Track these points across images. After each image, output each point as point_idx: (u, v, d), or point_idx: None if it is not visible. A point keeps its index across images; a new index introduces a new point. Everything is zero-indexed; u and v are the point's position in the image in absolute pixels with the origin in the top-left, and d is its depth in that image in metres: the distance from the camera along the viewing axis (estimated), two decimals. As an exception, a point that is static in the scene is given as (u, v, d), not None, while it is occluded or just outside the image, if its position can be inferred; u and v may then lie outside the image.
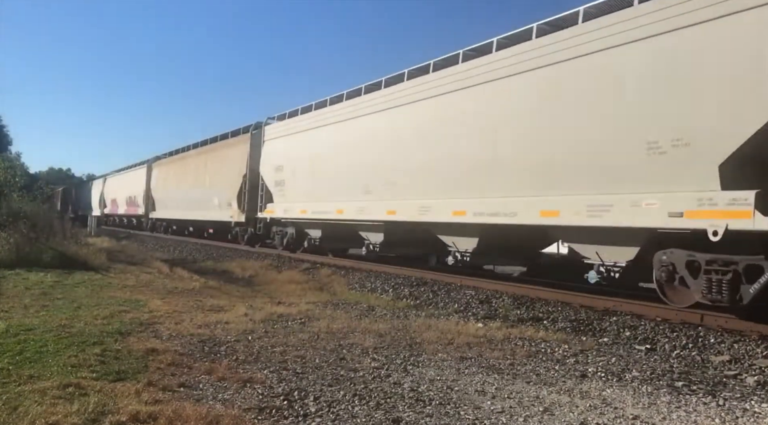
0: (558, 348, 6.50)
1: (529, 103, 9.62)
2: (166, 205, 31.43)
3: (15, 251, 12.80)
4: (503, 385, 4.96)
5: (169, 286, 10.90)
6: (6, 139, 54.94)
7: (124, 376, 4.68)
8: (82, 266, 12.64)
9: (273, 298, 10.15)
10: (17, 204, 18.09)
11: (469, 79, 10.92)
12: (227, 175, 22.54)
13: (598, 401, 4.60)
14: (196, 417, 3.77)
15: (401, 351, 6.09)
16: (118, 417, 3.73)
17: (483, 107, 10.57)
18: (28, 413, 3.74)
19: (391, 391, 4.65)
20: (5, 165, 21.82)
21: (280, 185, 18.08)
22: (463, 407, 4.34)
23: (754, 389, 5.19)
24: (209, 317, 7.52)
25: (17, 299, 8.43)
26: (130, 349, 5.57)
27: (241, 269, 15.75)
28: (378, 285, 11.95)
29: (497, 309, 9.15)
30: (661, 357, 6.44)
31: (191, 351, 5.71)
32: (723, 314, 7.90)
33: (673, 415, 4.32)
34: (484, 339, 6.79)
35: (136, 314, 7.43)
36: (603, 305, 8.98)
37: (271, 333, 6.73)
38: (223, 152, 23.85)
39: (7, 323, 6.48)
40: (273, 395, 4.44)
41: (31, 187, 25.72)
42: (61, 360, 5.03)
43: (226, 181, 22.60)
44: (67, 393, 4.18)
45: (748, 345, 6.64)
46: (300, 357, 5.65)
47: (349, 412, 4.13)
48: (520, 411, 4.28)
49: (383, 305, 9.40)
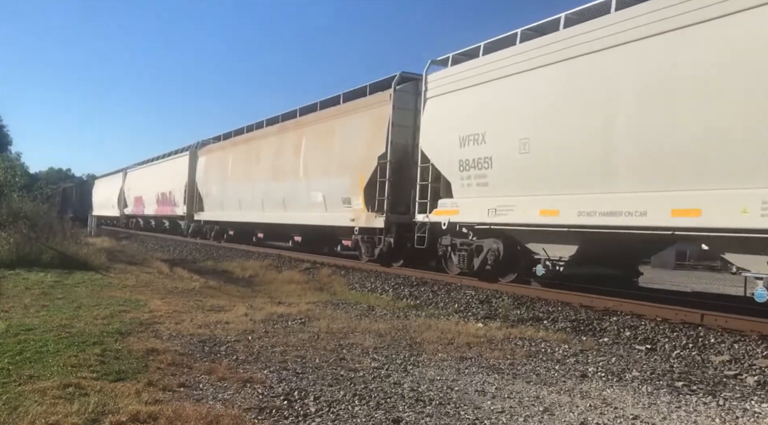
0: (558, 347, 6.50)
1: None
2: (222, 203, 23.68)
3: (15, 251, 12.80)
4: (503, 385, 4.96)
5: (169, 286, 10.90)
6: (6, 139, 54.95)
7: (124, 376, 4.68)
8: (82, 266, 12.64)
9: (273, 298, 10.15)
10: (17, 204, 18.08)
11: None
12: (344, 158, 15.40)
13: (598, 401, 4.60)
14: (196, 417, 3.77)
15: (401, 351, 6.09)
16: (118, 417, 3.72)
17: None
18: (28, 413, 3.73)
19: (391, 391, 4.65)
20: (5, 165, 21.84)
21: (476, 167, 10.97)
22: (463, 407, 4.34)
23: (754, 389, 5.19)
24: (209, 317, 7.52)
25: (17, 299, 8.43)
26: (130, 349, 5.56)
27: (241, 269, 15.76)
28: (378, 285, 11.95)
29: (497, 309, 9.15)
30: (662, 356, 6.45)
31: (191, 351, 5.71)
32: (723, 313, 7.91)
33: (673, 415, 4.32)
34: (484, 338, 6.79)
35: (136, 314, 7.43)
36: (603, 305, 8.98)
37: (271, 333, 6.72)
38: (333, 124, 16.16)
39: (7, 323, 6.48)
40: (273, 395, 4.44)
41: (31, 187, 25.74)
42: (61, 360, 5.02)
43: (340, 167, 15.51)
44: (67, 393, 4.18)
45: (748, 345, 6.64)
46: (300, 356, 5.65)
47: (349, 412, 4.13)
48: (520, 411, 4.28)
49: (383, 305, 9.40)
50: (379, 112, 14.02)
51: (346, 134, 15.49)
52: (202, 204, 26.24)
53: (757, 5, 6.97)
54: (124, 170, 40.34)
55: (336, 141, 15.84)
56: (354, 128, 15.12)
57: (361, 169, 14.34)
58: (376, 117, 14.12)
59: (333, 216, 15.80)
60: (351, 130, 15.28)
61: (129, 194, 38.39)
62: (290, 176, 18.07)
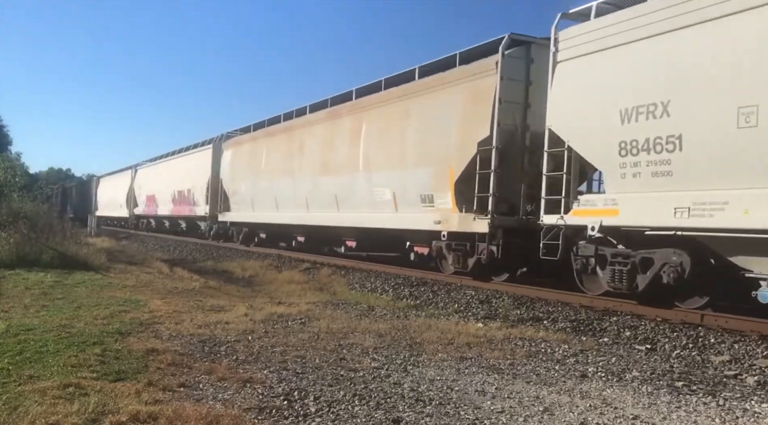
0: (558, 348, 6.51)
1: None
2: (253, 202, 20.82)
3: (15, 251, 12.80)
4: (503, 385, 4.96)
5: (169, 286, 10.90)
6: (6, 139, 54.95)
7: (124, 376, 4.68)
8: (82, 266, 12.63)
9: (273, 298, 10.15)
10: (17, 204, 18.10)
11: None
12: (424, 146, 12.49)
13: (598, 401, 4.60)
14: (196, 417, 3.77)
15: (401, 351, 6.09)
16: (118, 417, 3.73)
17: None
18: (28, 413, 3.73)
19: (391, 391, 4.65)
20: (5, 165, 21.87)
21: (652, 149, 8.14)
22: (463, 407, 4.34)
23: (754, 389, 5.19)
24: (209, 317, 7.52)
25: (17, 299, 8.43)
26: (130, 349, 5.57)
27: (241, 269, 15.76)
28: (378, 285, 11.96)
29: (497, 309, 9.15)
30: (662, 357, 6.45)
31: (191, 351, 5.71)
32: (723, 314, 7.91)
33: (673, 415, 4.33)
34: (484, 339, 6.79)
35: (136, 315, 7.43)
36: (603, 305, 8.98)
37: (271, 333, 6.73)
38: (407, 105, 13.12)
39: (7, 323, 6.48)
40: (273, 395, 4.44)
41: (31, 187, 25.77)
42: (61, 360, 5.02)
43: (418, 157, 12.58)
44: (67, 393, 4.18)
45: (748, 345, 6.65)
46: (300, 357, 5.65)
47: (349, 412, 4.13)
48: (520, 411, 4.28)
49: (383, 306, 9.40)
50: (478, 85, 11.18)
51: (426, 115, 12.53)
52: (227, 203, 23.31)
53: None
54: (133, 167, 37.81)
55: (411, 125, 12.91)
56: (439, 108, 12.14)
57: (451, 159, 11.54)
58: (473, 92, 11.28)
59: (407, 218, 12.93)
60: (434, 110, 12.29)
61: (140, 192, 35.91)
62: (345, 170, 15.11)
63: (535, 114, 10.59)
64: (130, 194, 37.66)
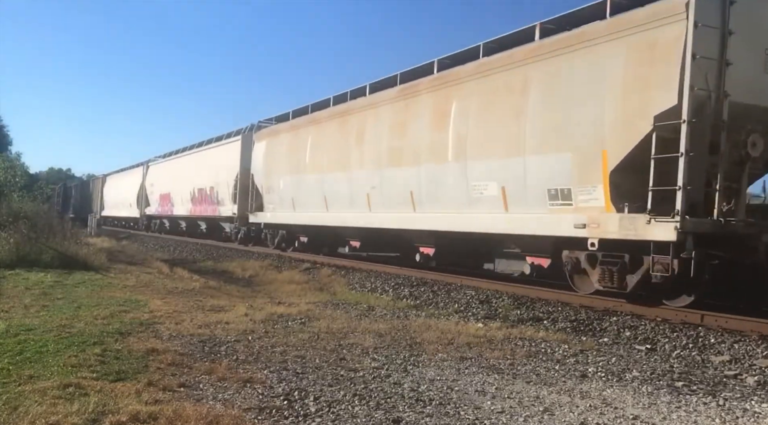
0: (558, 348, 6.51)
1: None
2: (295, 200, 17.69)
3: (15, 251, 12.81)
4: (503, 385, 4.96)
5: (169, 286, 10.90)
6: (6, 139, 54.95)
7: (124, 376, 4.68)
8: (82, 266, 12.64)
9: (273, 298, 10.16)
10: (17, 204, 18.11)
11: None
12: (555, 125, 9.53)
13: (598, 401, 4.60)
14: (196, 417, 3.77)
15: (401, 351, 6.09)
16: (118, 417, 3.73)
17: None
18: (28, 413, 3.74)
19: (391, 391, 4.65)
20: (5, 165, 21.90)
21: None
22: (463, 407, 4.34)
23: (754, 389, 5.19)
24: (209, 317, 7.52)
25: (17, 299, 8.43)
26: (130, 349, 5.57)
27: (241, 269, 15.75)
28: (378, 285, 11.96)
29: (497, 309, 9.15)
30: (662, 357, 6.45)
31: (191, 351, 5.71)
32: (723, 314, 7.90)
33: (673, 415, 4.33)
34: (484, 339, 6.79)
35: (137, 315, 7.43)
36: (603, 305, 8.97)
37: (272, 333, 6.73)
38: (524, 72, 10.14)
39: (8, 323, 6.48)
40: (273, 395, 4.44)
41: (31, 187, 25.78)
42: (62, 360, 5.03)
43: (546, 140, 9.63)
44: (68, 393, 4.18)
45: (748, 345, 6.65)
46: (300, 357, 5.66)
47: (349, 412, 4.13)
48: (520, 411, 4.28)
49: (383, 306, 9.40)
50: (655, 37, 8.19)
51: (558, 85, 9.54)
52: (260, 202, 20.08)
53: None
54: (145, 164, 34.74)
55: (531, 99, 9.91)
56: (580, 74, 9.17)
57: (605, 140, 8.68)
58: (645, 47, 8.31)
59: (525, 219, 10.02)
60: (572, 78, 9.29)
61: (152, 191, 32.68)
62: (426, 160, 12.25)
63: (736, 76, 7.97)
64: (141, 193, 34.71)
